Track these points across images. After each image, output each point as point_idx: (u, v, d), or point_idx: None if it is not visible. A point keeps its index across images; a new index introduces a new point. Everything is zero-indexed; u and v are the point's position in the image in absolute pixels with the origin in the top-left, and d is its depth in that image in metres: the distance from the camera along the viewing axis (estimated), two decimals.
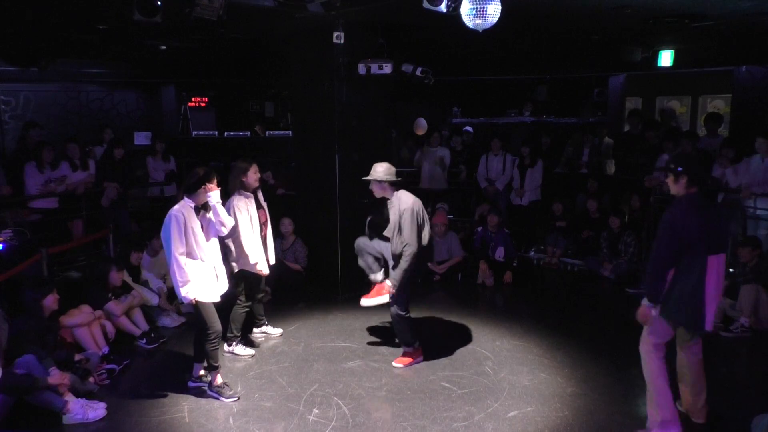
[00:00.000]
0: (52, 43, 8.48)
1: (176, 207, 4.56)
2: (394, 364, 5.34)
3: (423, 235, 5.09)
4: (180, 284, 4.53)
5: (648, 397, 4.24)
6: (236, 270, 5.46)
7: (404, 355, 5.38)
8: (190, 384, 4.91)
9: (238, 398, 4.72)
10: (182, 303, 6.64)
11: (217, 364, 4.76)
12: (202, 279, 4.61)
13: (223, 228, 4.76)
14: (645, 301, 4.07)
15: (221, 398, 4.70)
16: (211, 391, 4.77)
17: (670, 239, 3.93)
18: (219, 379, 4.78)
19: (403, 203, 5.01)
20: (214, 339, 4.71)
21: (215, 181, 4.65)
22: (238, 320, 5.56)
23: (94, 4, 6.11)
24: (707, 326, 4.02)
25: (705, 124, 8.93)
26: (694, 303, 3.97)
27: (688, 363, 4.32)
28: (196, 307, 4.67)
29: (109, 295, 5.93)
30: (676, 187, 4.07)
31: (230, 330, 5.54)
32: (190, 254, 4.55)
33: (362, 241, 5.45)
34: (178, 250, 4.48)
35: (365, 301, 5.34)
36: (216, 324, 4.72)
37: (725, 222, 4.30)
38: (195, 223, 4.58)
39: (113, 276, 5.94)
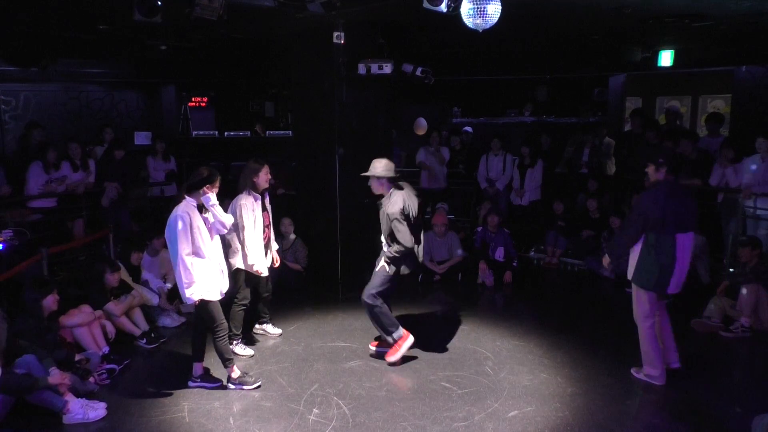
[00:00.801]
0: (52, 43, 8.48)
1: (180, 207, 4.55)
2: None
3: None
4: (185, 285, 4.53)
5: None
6: (234, 267, 5.47)
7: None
8: (191, 384, 4.91)
9: (260, 384, 4.84)
10: (183, 303, 6.68)
11: (230, 357, 4.84)
12: (208, 277, 4.63)
13: (223, 228, 4.78)
14: (606, 258, 5.15)
15: (244, 387, 4.80)
16: (234, 384, 4.83)
17: (637, 220, 4.69)
18: (236, 371, 4.85)
19: (391, 206, 5.05)
20: (222, 334, 4.76)
21: (218, 183, 4.64)
22: (237, 319, 5.56)
23: (95, 4, 6.11)
24: (671, 290, 4.79)
25: (706, 123, 8.93)
26: (662, 273, 4.69)
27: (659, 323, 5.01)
28: (201, 306, 4.67)
29: (109, 295, 5.93)
30: (656, 175, 4.75)
31: (229, 329, 5.54)
32: (196, 253, 4.57)
33: (368, 288, 5.32)
34: (184, 250, 4.48)
35: (391, 359, 5.34)
36: (223, 320, 4.79)
37: (695, 205, 4.83)
38: (200, 222, 4.60)
39: (108, 278, 5.93)
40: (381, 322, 5.29)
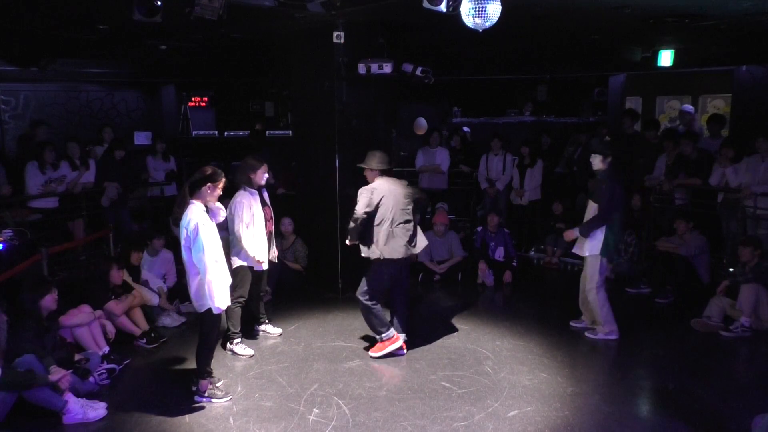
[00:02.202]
0: (52, 42, 8.47)
1: (194, 213, 4.41)
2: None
3: (385, 223, 5.27)
4: (214, 295, 4.43)
5: (595, 314, 5.92)
6: (235, 266, 5.47)
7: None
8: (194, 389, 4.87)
9: (230, 398, 4.70)
10: (183, 303, 6.68)
11: (210, 369, 4.75)
12: (226, 282, 4.60)
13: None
14: (578, 232, 5.81)
15: (213, 401, 4.66)
16: (202, 397, 4.68)
17: (612, 204, 5.60)
18: (208, 385, 4.73)
19: (367, 186, 5.36)
20: (213, 346, 4.73)
21: (221, 183, 4.54)
22: (234, 317, 5.54)
23: (95, 4, 6.11)
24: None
25: (708, 124, 8.92)
26: (616, 246, 6.16)
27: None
28: (210, 312, 4.57)
29: (110, 294, 5.93)
30: (603, 165, 5.70)
31: (228, 328, 5.53)
32: (216, 261, 4.50)
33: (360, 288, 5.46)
34: (213, 257, 4.40)
35: (373, 354, 5.51)
36: (218, 331, 4.74)
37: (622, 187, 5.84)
38: (213, 226, 4.53)
39: (114, 275, 5.94)
40: (371, 322, 5.45)
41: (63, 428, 4.35)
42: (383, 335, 5.43)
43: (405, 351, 5.52)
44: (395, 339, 5.46)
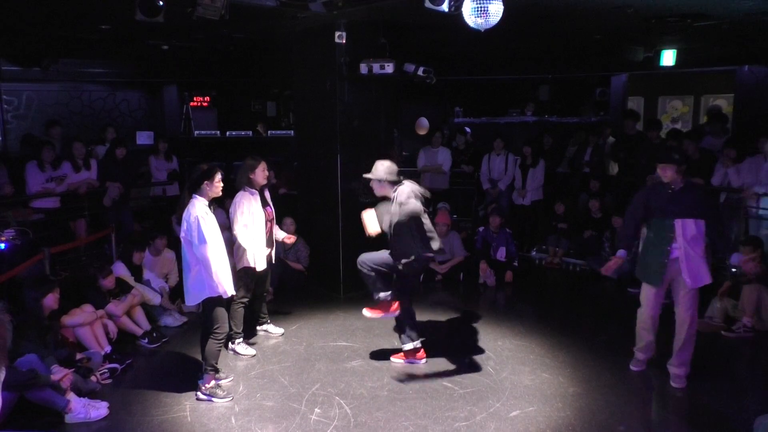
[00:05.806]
0: (54, 42, 8.49)
1: (196, 207, 4.50)
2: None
3: (421, 224, 4.93)
4: (221, 281, 4.54)
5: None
6: (238, 267, 5.47)
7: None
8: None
9: (231, 398, 4.71)
10: (184, 303, 6.68)
11: (215, 365, 4.75)
12: (227, 275, 4.65)
13: None
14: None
15: (213, 400, 4.67)
16: (204, 394, 4.70)
17: None
18: (212, 383, 4.74)
19: (407, 204, 4.77)
20: (221, 337, 4.73)
21: (217, 177, 4.63)
22: (236, 317, 5.55)
23: (97, 4, 6.12)
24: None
25: (710, 123, 8.90)
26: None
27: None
28: (210, 304, 4.63)
29: (108, 297, 5.92)
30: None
31: (230, 328, 5.54)
32: (218, 252, 4.58)
33: (366, 257, 5.16)
34: (215, 249, 4.50)
35: (367, 313, 5.20)
36: (226, 322, 4.75)
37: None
38: (215, 220, 4.60)
39: (103, 283, 5.92)
40: (372, 284, 5.09)
41: (65, 427, 4.36)
42: (381, 295, 5.07)
43: (425, 359, 5.38)
44: (394, 307, 5.10)
